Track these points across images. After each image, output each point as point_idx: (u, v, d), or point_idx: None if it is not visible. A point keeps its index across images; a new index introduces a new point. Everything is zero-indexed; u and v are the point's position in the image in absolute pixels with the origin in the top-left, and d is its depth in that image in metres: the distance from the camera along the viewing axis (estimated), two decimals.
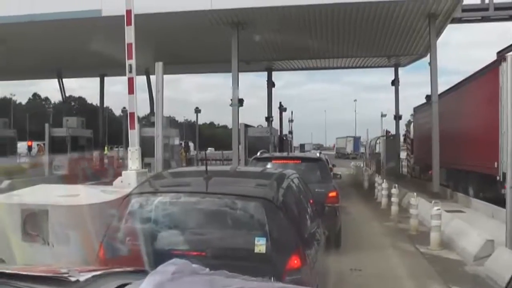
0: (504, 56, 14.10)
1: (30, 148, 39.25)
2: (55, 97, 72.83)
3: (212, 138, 78.25)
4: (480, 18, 28.61)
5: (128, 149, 9.21)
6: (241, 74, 21.15)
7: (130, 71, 9.03)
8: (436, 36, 20.14)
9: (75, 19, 18.37)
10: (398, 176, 26.43)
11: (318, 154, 11.98)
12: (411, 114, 30.88)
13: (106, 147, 36.20)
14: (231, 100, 20.48)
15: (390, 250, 10.01)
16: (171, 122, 32.97)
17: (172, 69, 23.72)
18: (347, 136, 77.39)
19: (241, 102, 20.60)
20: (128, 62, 9.02)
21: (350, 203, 15.34)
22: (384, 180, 17.74)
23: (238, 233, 4.32)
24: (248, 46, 20.57)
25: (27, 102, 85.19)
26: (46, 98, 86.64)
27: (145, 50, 15.29)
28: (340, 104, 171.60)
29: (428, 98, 21.31)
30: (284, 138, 32.00)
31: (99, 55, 22.53)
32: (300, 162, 10.45)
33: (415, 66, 30.10)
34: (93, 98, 70.89)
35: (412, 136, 29.99)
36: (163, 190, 4.93)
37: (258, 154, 11.31)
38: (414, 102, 40.18)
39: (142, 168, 9.05)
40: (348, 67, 33.38)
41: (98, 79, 33.16)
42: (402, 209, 14.65)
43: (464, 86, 18.95)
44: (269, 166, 9.75)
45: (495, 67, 14.27)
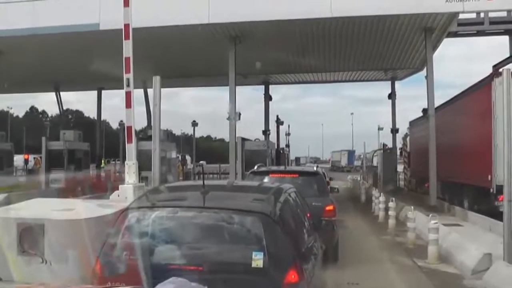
0: (496, 72, 14.39)
1: (26, 161, 39.16)
2: (52, 110, 72.66)
3: (209, 151, 78.12)
4: (475, 32, 28.91)
5: (125, 163, 9.19)
6: (238, 88, 21.21)
7: (128, 85, 9.03)
8: (432, 50, 20.28)
9: (74, 33, 18.46)
10: (395, 189, 26.42)
11: (315, 168, 11.96)
12: (408, 128, 30.97)
13: (103, 161, 36.11)
14: (228, 113, 20.51)
15: (388, 264, 9.96)
16: (168, 135, 32.96)
17: (169, 82, 23.83)
18: (342, 150, 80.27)
19: (238, 115, 20.63)
20: (125, 76, 9.03)
21: (347, 217, 15.29)
22: (381, 193, 17.72)
23: (236, 247, 4.31)
24: (245, 60, 20.65)
25: (24, 115, 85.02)
26: (43, 111, 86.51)
27: (142, 63, 15.31)
28: (337, 117, 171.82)
29: (424, 111, 21.41)
30: (281, 151, 32.00)
31: (97, 69, 22.59)
32: (297, 176, 10.42)
33: (412, 79, 30.27)
34: (90, 111, 70.75)
35: (408, 149, 30.08)
36: (160, 205, 4.92)
37: (255, 168, 11.29)
38: (411, 116, 40.31)
39: (139, 182, 9.03)
40: (345, 81, 33.58)
41: (95, 93, 33.23)
42: (399, 222, 14.62)
43: (458, 100, 19.15)
44: (266, 180, 9.74)
45: (488, 83, 14.56)
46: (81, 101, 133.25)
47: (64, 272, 5.50)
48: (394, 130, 30.26)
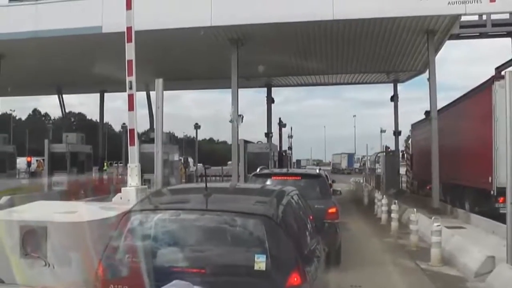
0: (496, 75, 14.65)
1: (29, 164, 39.19)
2: (55, 113, 72.83)
3: (211, 154, 78.15)
4: (478, 34, 28.88)
5: (127, 165, 9.20)
6: (240, 90, 21.22)
7: (130, 88, 9.05)
8: (434, 52, 20.27)
9: (76, 36, 18.51)
10: (397, 191, 26.38)
11: (318, 170, 11.96)
12: (410, 130, 30.95)
13: (105, 163, 36.15)
14: (231, 116, 20.51)
15: (391, 266, 9.94)
16: (171, 138, 32.98)
17: (172, 85, 23.82)
18: (342, 152, 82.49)
19: (240, 118, 20.63)
20: (128, 79, 9.05)
21: (350, 219, 15.27)
22: (383, 196, 17.71)
23: (238, 250, 4.31)
24: (247, 62, 20.67)
25: (27, 118, 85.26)
26: (46, 114, 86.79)
27: (145, 66, 15.36)
28: (339, 119, 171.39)
29: (427, 114, 21.38)
30: (283, 154, 31.98)
31: (99, 72, 22.62)
32: (300, 178, 10.41)
33: (414, 81, 30.24)
34: (93, 114, 71.02)
35: (411, 151, 30.07)
36: (163, 207, 4.92)
37: (258, 170, 11.28)
38: (413, 118, 40.27)
39: (142, 184, 9.04)
40: (347, 83, 33.52)
41: (98, 95, 33.28)
42: (402, 225, 14.60)
43: (459, 103, 19.21)
44: (268, 182, 9.74)
45: (489, 86, 14.67)
46: (83, 103, 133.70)
47: (66, 275, 5.51)
48: (397, 133, 30.23)
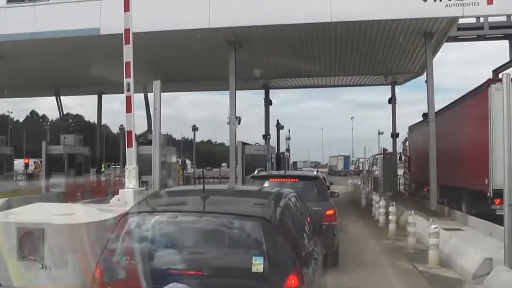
0: (492, 79, 14.84)
1: (27, 165, 39.16)
2: (53, 114, 72.69)
3: (209, 156, 78.13)
4: (475, 36, 29.01)
5: (125, 167, 9.19)
6: (238, 92, 21.21)
7: (128, 90, 9.05)
8: (432, 54, 20.30)
9: (74, 37, 18.49)
10: (395, 193, 26.40)
11: (315, 172, 11.96)
12: (407, 132, 30.99)
13: (103, 165, 36.09)
14: (228, 118, 20.51)
15: (388, 268, 9.95)
16: (169, 140, 32.97)
17: (169, 87, 23.83)
18: (338, 155, 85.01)
19: (238, 120, 20.63)
20: (126, 80, 9.06)
21: (347, 221, 15.28)
22: (381, 198, 17.72)
23: (236, 252, 4.31)
24: (245, 64, 20.67)
25: (25, 119, 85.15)
26: (44, 116, 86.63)
27: (143, 68, 15.33)
28: (337, 121, 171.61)
29: (425, 116, 21.41)
30: (281, 156, 32.01)
31: (97, 73, 22.61)
32: (297, 180, 10.41)
33: (412, 84, 30.31)
34: (90, 116, 70.80)
35: (408, 153, 30.13)
36: (161, 209, 4.91)
37: (256, 172, 11.28)
38: (411, 120, 40.34)
39: (139, 186, 9.03)
40: (345, 85, 33.56)
41: (96, 97, 33.24)
42: (400, 227, 14.60)
43: (456, 106, 19.34)
44: (266, 184, 9.73)
45: (485, 89, 14.78)
46: (81, 105, 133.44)
47: (64, 277, 5.50)
48: (394, 135, 30.25)
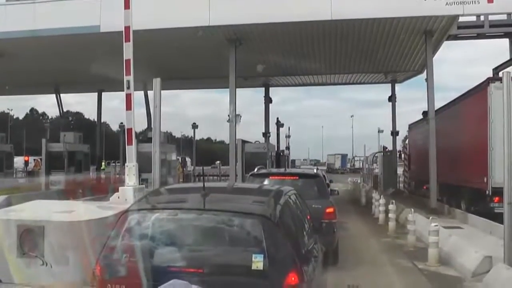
0: (492, 77, 14.91)
1: (27, 163, 39.16)
2: (53, 112, 72.71)
3: (209, 153, 78.13)
4: (475, 35, 28.98)
5: (125, 165, 9.19)
6: (238, 90, 21.19)
7: (128, 87, 9.05)
8: (432, 53, 20.26)
9: (74, 35, 18.47)
10: (395, 191, 26.41)
11: (315, 170, 11.97)
12: (407, 130, 30.99)
13: (103, 163, 36.10)
14: (229, 115, 20.51)
15: (388, 266, 9.95)
16: (169, 137, 32.96)
17: (169, 84, 23.82)
18: (336, 153, 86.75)
19: (238, 117, 20.64)
20: (126, 78, 9.05)
21: (347, 219, 15.28)
22: (381, 196, 17.72)
23: (236, 249, 4.31)
24: (245, 62, 20.65)
25: (25, 117, 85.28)
26: (44, 113, 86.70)
27: (143, 65, 15.31)
28: (337, 119, 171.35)
29: (424, 114, 21.40)
30: (281, 153, 31.99)
31: (97, 71, 22.57)
32: (297, 178, 10.41)
33: (412, 82, 30.28)
34: (90, 113, 70.75)
35: (408, 152, 30.14)
36: (161, 207, 4.92)
37: (256, 170, 11.29)
38: (411, 118, 40.39)
39: (139, 184, 9.03)
40: (345, 83, 33.51)
41: (96, 94, 33.21)
42: (400, 225, 14.62)
43: (455, 104, 19.37)
44: (266, 182, 9.74)
45: (484, 87, 14.81)
46: (81, 103, 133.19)
47: (64, 274, 5.51)
48: (394, 133, 30.22)
